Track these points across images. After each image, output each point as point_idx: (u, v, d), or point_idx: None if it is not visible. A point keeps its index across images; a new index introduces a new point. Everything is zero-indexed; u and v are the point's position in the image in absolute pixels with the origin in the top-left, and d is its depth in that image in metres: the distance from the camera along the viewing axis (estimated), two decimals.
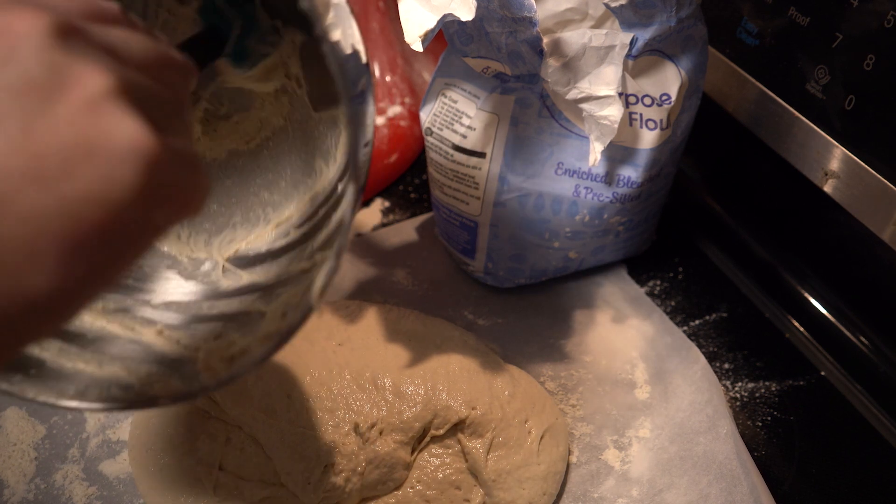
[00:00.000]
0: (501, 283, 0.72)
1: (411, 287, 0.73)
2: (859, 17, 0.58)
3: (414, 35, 0.52)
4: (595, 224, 0.67)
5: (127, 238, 0.29)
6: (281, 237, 0.57)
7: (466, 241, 0.69)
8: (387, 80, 0.86)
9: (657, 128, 0.62)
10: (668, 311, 0.72)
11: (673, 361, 0.67)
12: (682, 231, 0.79)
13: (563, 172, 0.64)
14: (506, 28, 0.56)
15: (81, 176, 0.27)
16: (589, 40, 0.56)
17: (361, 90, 0.43)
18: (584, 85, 0.57)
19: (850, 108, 0.60)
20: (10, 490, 0.58)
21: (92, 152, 0.27)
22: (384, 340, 0.62)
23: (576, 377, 0.67)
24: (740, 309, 0.73)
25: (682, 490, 0.58)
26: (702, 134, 0.70)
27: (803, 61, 0.63)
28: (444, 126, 0.63)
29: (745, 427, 0.64)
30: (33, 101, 0.27)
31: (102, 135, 0.27)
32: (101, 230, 0.27)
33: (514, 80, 0.61)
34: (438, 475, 0.58)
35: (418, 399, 0.58)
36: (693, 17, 0.60)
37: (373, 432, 0.57)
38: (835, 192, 0.63)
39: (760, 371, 0.68)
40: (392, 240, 0.77)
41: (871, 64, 0.57)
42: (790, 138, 0.65)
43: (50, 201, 0.26)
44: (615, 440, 0.63)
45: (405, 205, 0.82)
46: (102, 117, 0.28)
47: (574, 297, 0.73)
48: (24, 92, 0.27)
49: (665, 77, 0.61)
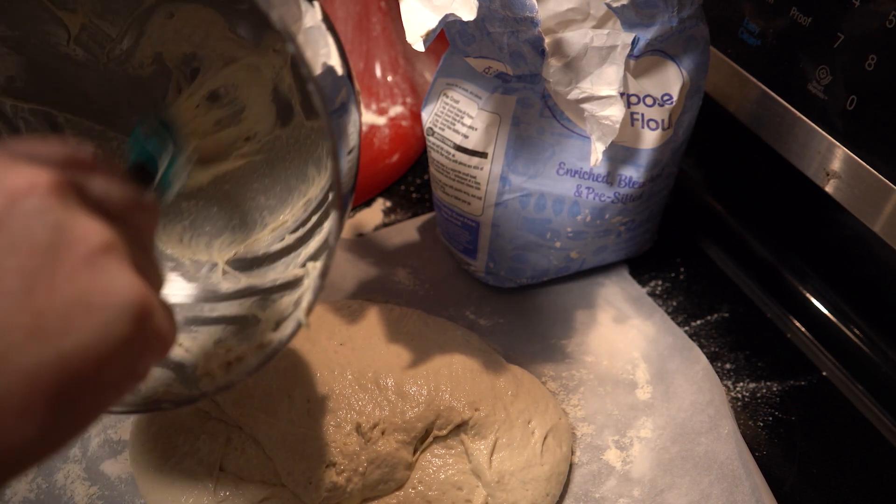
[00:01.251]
0: (503, 283, 0.72)
1: (413, 287, 0.73)
2: (861, 17, 0.58)
3: (415, 35, 0.52)
4: (596, 224, 0.67)
5: (113, 385, 0.29)
6: (277, 241, 0.58)
7: (468, 241, 0.69)
8: (388, 80, 0.86)
9: (659, 128, 0.62)
10: (669, 311, 0.72)
11: (674, 361, 0.67)
12: (684, 231, 0.79)
13: (565, 172, 0.64)
14: (507, 28, 0.56)
15: (79, 330, 0.27)
16: (591, 40, 0.56)
17: (342, 103, 0.44)
18: (585, 85, 0.57)
19: (852, 109, 0.60)
20: (12, 489, 0.58)
21: (90, 308, 0.28)
22: (386, 340, 0.62)
23: (577, 377, 0.67)
24: (742, 309, 0.73)
25: (683, 490, 0.58)
26: (703, 134, 0.70)
27: (805, 61, 0.63)
28: (446, 126, 0.63)
29: (747, 427, 0.64)
30: (36, 260, 0.27)
31: (100, 290, 0.28)
32: (91, 381, 0.28)
33: (515, 80, 0.61)
34: (440, 476, 0.58)
35: (421, 399, 0.58)
36: (695, 18, 0.60)
37: (375, 432, 0.57)
38: (836, 193, 0.63)
39: (762, 371, 0.68)
40: (393, 240, 0.77)
41: (872, 64, 0.57)
42: (791, 138, 0.65)
43: (47, 356, 0.27)
44: (616, 440, 0.63)
45: (407, 205, 0.82)
46: (100, 273, 0.28)
47: (575, 297, 0.73)
48: (27, 251, 0.27)
49: (667, 77, 0.61)
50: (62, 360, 0.27)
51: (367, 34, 0.85)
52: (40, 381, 0.27)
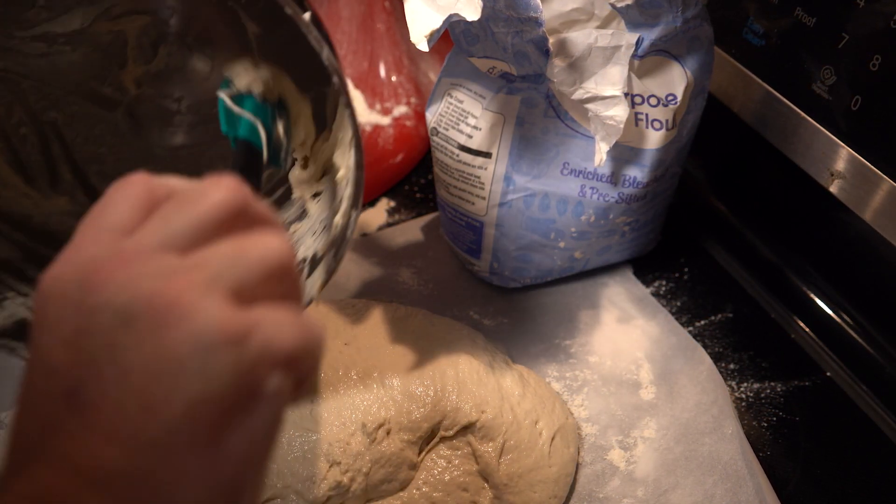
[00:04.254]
0: (507, 282, 0.72)
1: (416, 287, 0.73)
2: (865, 17, 0.58)
3: (420, 35, 0.52)
4: (600, 224, 0.67)
5: (246, 409, 0.29)
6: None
7: (472, 241, 0.69)
8: (392, 80, 0.86)
9: (663, 128, 0.62)
10: (673, 311, 0.72)
11: (678, 362, 0.67)
12: (688, 231, 0.79)
13: (569, 172, 0.64)
14: (512, 28, 0.56)
15: (190, 373, 0.27)
16: (595, 40, 0.56)
17: None
18: (589, 85, 0.57)
19: (856, 109, 0.59)
20: None
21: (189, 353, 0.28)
22: (391, 340, 0.62)
23: (581, 377, 0.67)
24: (746, 309, 0.73)
25: (687, 490, 0.58)
26: (707, 134, 0.70)
27: (809, 62, 0.63)
28: (450, 126, 0.63)
29: (751, 427, 0.64)
30: (225, 416, 0.28)
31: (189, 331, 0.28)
32: (223, 411, 0.28)
33: (519, 80, 0.61)
34: (445, 477, 0.58)
35: (427, 400, 0.58)
36: (699, 18, 0.60)
37: (380, 432, 0.57)
38: (841, 193, 0.63)
39: (766, 371, 0.68)
40: (397, 239, 0.77)
41: (877, 64, 0.57)
42: (796, 139, 0.65)
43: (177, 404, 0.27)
44: (620, 440, 0.63)
45: (411, 204, 0.82)
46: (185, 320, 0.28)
47: (579, 298, 0.73)
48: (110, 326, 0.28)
49: (671, 77, 0.61)
50: (181, 418, 0.27)
51: (372, 34, 0.85)
52: (174, 443, 0.27)
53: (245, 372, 0.28)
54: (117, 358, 0.27)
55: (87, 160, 0.60)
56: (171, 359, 0.27)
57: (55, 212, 0.58)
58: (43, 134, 0.58)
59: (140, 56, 0.58)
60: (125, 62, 0.58)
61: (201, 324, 0.27)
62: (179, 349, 0.27)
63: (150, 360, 0.27)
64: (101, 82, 0.59)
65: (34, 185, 0.58)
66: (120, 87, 0.59)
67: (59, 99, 0.58)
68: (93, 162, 0.60)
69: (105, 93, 0.59)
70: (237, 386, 0.28)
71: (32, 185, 0.58)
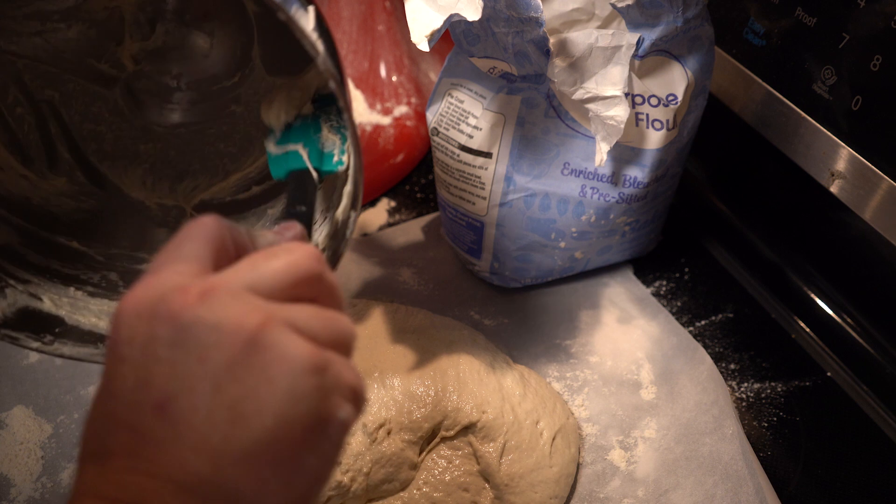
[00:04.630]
0: (507, 283, 0.72)
1: (417, 287, 0.73)
2: (866, 17, 0.58)
3: (420, 35, 0.52)
4: (601, 224, 0.67)
5: (319, 431, 0.32)
6: (242, 190, 0.59)
7: (472, 241, 0.69)
8: (393, 80, 0.86)
9: (663, 128, 0.62)
10: (674, 311, 0.72)
11: (679, 362, 0.67)
12: (689, 231, 0.79)
13: (570, 173, 0.64)
14: (512, 28, 0.56)
15: (270, 403, 0.30)
16: (595, 40, 0.56)
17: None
18: (590, 85, 0.57)
19: (857, 109, 0.59)
20: (17, 489, 0.58)
21: (273, 382, 0.30)
22: (392, 340, 0.62)
23: (581, 378, 0.67)
24: (746, 309, 0.73)
25: (687, 490, 0.58)
26: (708, 134, 0.70)
27: (810, 62, 0.63)
28: (451, 126, 0.63)
29: (751, 427, 0.64)
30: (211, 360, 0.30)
31: (275, 365, 0.30)
32: (301, 435, 0.30)
33: (520, 80, 0.61)
34: (446, 477, 0.58)
35: (428, 400, 0.58)
36: (700, 18, 0.60)
37: (381, 432, 0.57)
38: (841, 193, 0.63)
39: (766, 372, 0.68)
40: (398, 240, 0.77)
41: (877, 64, 0.57)
42: (797, 139, 0.65)
43: (257, 434, 0.30)
44: (621, 440, 0.63)
45: (411, 205, 0.82)
46: (268, 352, 0.30)
47: (580, 298, 0.73)
48: (197, 357, 0.30)
49: (671, 77, 0.61)
50: (269, 432, 0.29)
51: (372, 34, 0.85)
52: (260, 457, 0.29)
53: (325, 397, 0.31)
54: (209, 373, 0.29)
55: (86, 138, 0.59)
56: (264, 378, 0.29)
57: (54, 193, 0.57)
58: (40, 113, 0.57)
59: (137, 32, 0.57)
60: (122, 38, 0.57)
61: (293, 349, 0.30)
62: (272, 370, 0.30)
63: (242, 377, 0.29)
64: (98, 59, 0.58)
65: (32, 167, 0.57)
66: (117, 63, 0.58)
67: (56, 77, 0.57)
68: (91, 140, 0.59)
69: (102, 69, 0.58)
70: (318, 409, 0.30)
71: (30, 167, 0.57)
